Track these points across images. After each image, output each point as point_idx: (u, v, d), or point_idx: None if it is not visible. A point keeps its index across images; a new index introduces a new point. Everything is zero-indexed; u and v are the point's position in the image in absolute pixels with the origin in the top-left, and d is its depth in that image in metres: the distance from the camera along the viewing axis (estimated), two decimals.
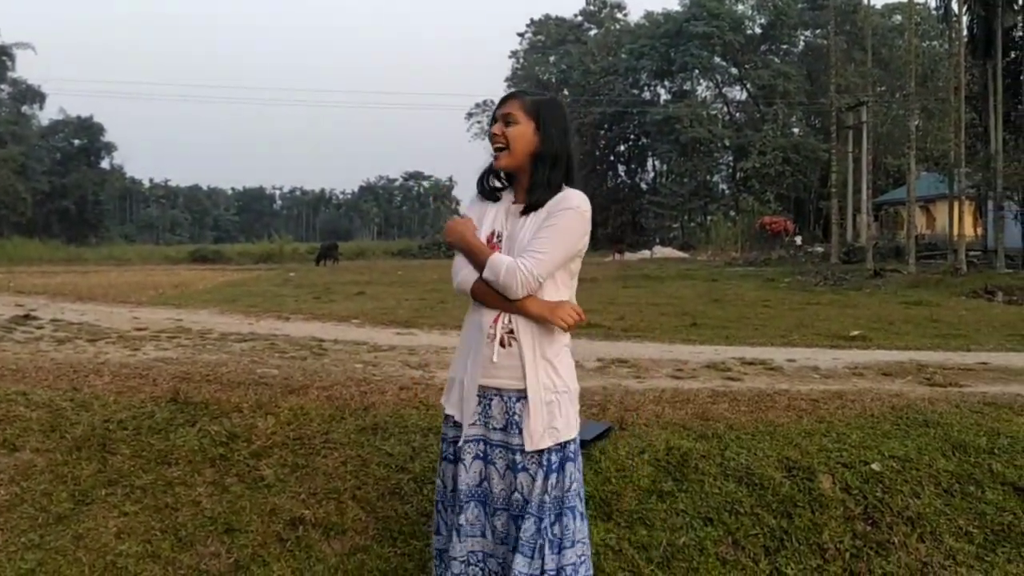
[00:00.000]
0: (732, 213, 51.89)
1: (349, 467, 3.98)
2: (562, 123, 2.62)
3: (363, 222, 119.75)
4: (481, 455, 2.56)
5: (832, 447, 4.10)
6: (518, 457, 2.49)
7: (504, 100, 2.63)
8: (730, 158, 59.60)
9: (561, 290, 2.57)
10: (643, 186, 65.96)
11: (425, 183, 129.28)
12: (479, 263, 2.51)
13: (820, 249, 34.43)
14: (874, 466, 3.94)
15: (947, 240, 28.30)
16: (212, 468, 3.97)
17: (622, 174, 68.34)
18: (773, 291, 17.99)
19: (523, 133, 2.56)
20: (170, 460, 4.01)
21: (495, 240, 2.58)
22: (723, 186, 61.76)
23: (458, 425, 2.59)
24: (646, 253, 43.88)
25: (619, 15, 69.62)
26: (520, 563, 2.45)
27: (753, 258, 33.72)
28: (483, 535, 2.58)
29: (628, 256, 41.23)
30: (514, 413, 2.50)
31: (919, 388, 5.46)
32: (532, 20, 69.27)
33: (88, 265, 37.21)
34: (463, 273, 2.57)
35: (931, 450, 4.10)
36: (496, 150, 2.60)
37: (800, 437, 4.21)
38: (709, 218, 55.36)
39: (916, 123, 27.59)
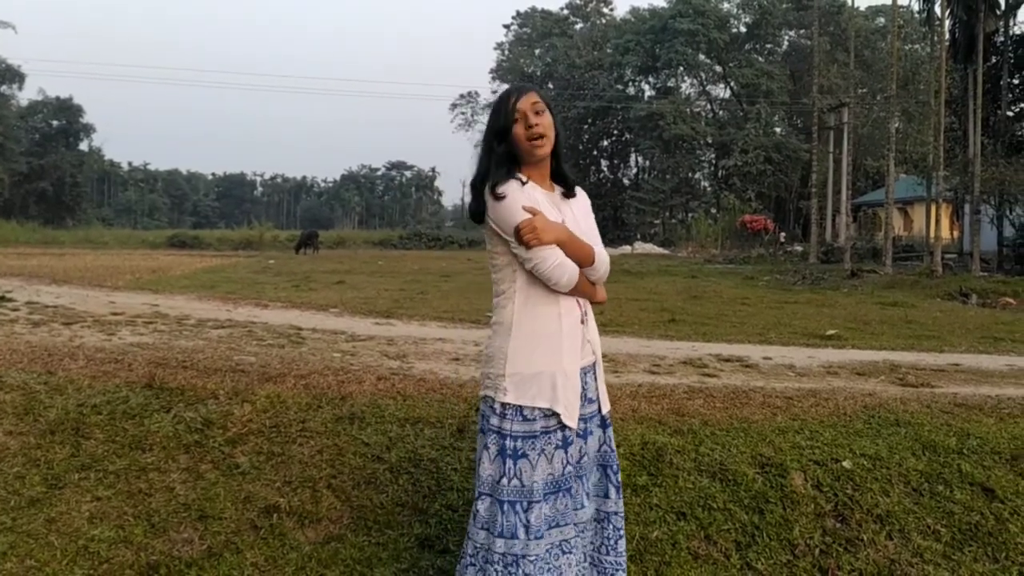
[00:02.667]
0: (713, 211, 52.12)
1: (325, 456, 3.98)
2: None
3: (344, 211, 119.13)
4: (582, 433, 2.68)
5: (805, 444, 4.15)
6: (599, 419, 2.75)
7: (526, 91, 2.64)
8: (712, 156, 59.84)
9: None
10: (625, 182, 66.17)
11: (408, 173, 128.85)
12: (586, 257, 2.63)
13: (799, 248, 34.68)
14: (845, 464, 4.00)
15: (924, 242, 28.59)
16: (187, 454, 3.96)
17: (605, 169, 68.46)
18: (752, 289, 18.10)
19: (552, 121, 2.64)
20: (144, 446, 3.99)
21: None
22: (705, 183, 61.99)
23: (551, 415, 2.57)
24: (627, 249, 44.00)
25: (605, 10, 69.66)
26: (615, 499, 2.78)
27: (733, 256, 33.90)
28: (580, 507, 2.70)
29: (609, 251, 41.24)
30: (587, 384, 2.68)
31: (892, 388, 5.53)
32: (518, 12, 69.24)
33: (65, 248, 36.85)
34: (570, 267, 2.57)
35: (901, 449, 4.16)
36: (537, 138, 2.59)
37: (774, 434, 4.26)
38: (690, 215, 55.64)
39: (896, 126, 27.76)
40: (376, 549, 3.47)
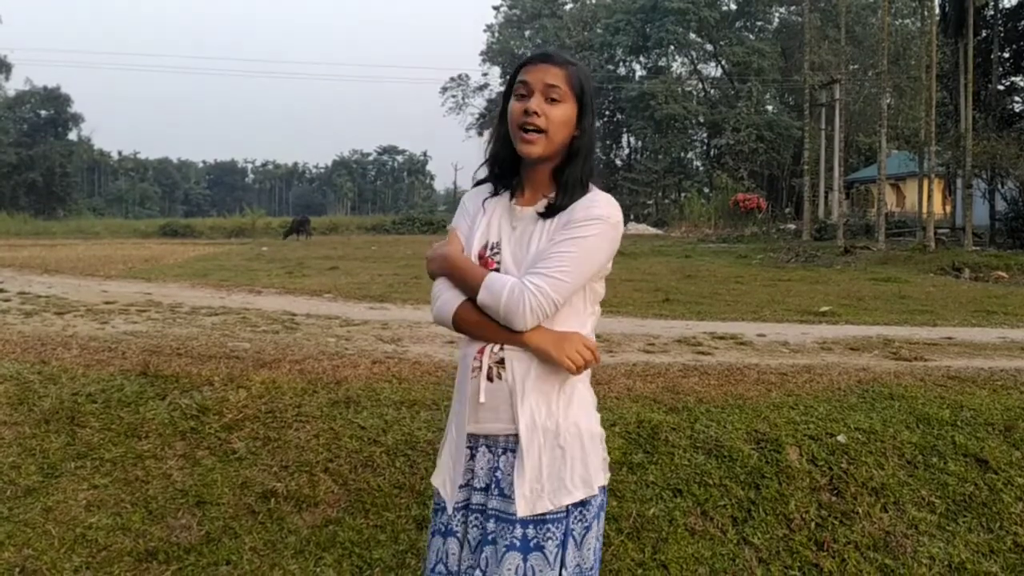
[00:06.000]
0: (706, 190, 52.08)
1: (321, 440, 3.98)
2: (594, 104, 2.08)
3: (336, 197, 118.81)
4: (460, 526, 1.98)
5: (799, 420, 4.17)
6: (491, 525, 1.91)
7: (543, 63, 2.01)
8: (704, 135, 59.73)
9: (582, 317, 2.01)
10: (618, 162, 65.96)
11: (399, 158, 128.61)
12: (471, 286, 1.93)
13: (792, 226, 34.68)
14: (840, 438, 4.02)
15: (916, 218, 28.61)
16: (183, 441, 3.96)
17: (597, 150, 68.17)
18: (745, 267, 18.12)
19: (567, 117, 1.98)
20: (140, 433, 3.99)
21: (490, 253, 2.00)
22: (697, 163, 61.91)
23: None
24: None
25: None
26: None
27: (726, 235, 33.90)
28: None
29: None
30: (498, 468, 1.94)
31: (885, 362, 5.55)
32: None
33: (56, 238, 36.66)
34: (443, 298, 1.98)
35: (896, 422, 4.18)
36: (527, 131, 1.95)
37: (768, 410, 4.27)
38: (683, 195, 55.59)
39: (888, 101, 27.72)
40: (374, 531, 3.48)
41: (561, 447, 1.92)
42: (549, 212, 1.97)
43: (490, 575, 1.88)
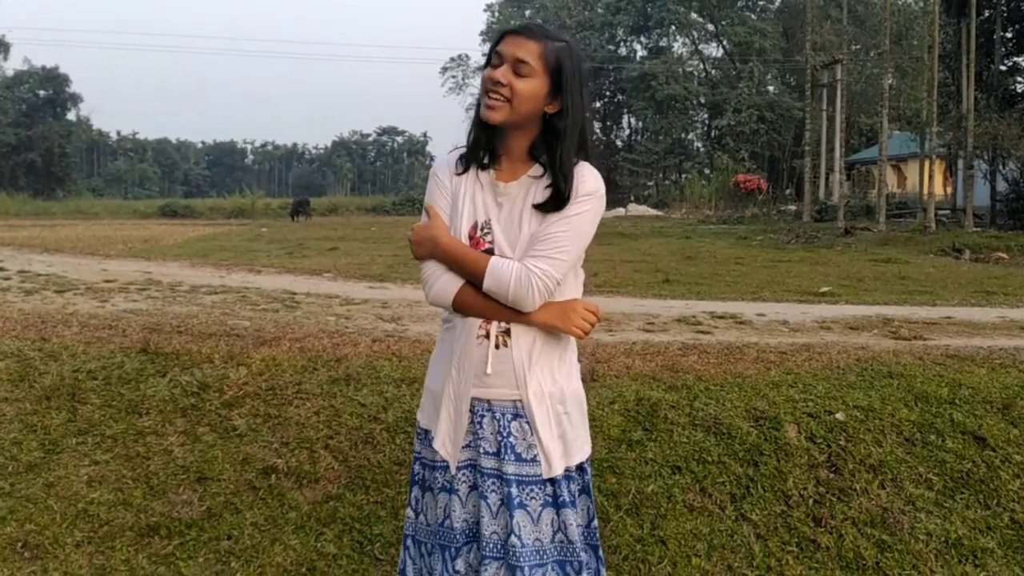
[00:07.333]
0: (707, 171, 51.95)
1: (322, 417, 4.00)
2: (581, 78, 2.04)
3: (336, 178, 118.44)
4: (474, 486, 2.04)
5: (798, 398, 4.18)
6: (514, 490, 1.98)
7: (515, 35, 2.01)
8: (705, 116, 59.47)
9: (574, 284, 2.10)
10: (618, 143, 65.75)
11: (399, 138, 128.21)
12: (472, 272, 1.98)
13: (793, 207, 34.61)
14: (838, 416, 4.03)
15: (917, 199, 28.55)
16: (183, 418, 3.98)
17: (597, 131, 67.95)
18: (746, 248, 18.10)
19: (534, 92, 1.96)
20: (141, 410, 4.01)
21: (480, 233, 2.03)
22: (698, 144, 61.70)
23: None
24: (620, 211, 43.82)
25: None
26: None
27: (727, 216, 33.84)
28: None
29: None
30: (508, 434, 2.00)
31: (884, 341, 5.56)
32: None
33: (56, 219, 36.65)
34: (441, 281, 2.02)
35: (894, 400, 4.20)
36: (490, 98, 1.96)
37: (767, 388, 4.28)
38: (684, 176, 55.40)
39: (889, 82, 27.61)
40: (374, 507, 3.50)
41: (568, 413, 2.05)
42: (551, 206, 1.98)
43: (527, 534, 1.98)
